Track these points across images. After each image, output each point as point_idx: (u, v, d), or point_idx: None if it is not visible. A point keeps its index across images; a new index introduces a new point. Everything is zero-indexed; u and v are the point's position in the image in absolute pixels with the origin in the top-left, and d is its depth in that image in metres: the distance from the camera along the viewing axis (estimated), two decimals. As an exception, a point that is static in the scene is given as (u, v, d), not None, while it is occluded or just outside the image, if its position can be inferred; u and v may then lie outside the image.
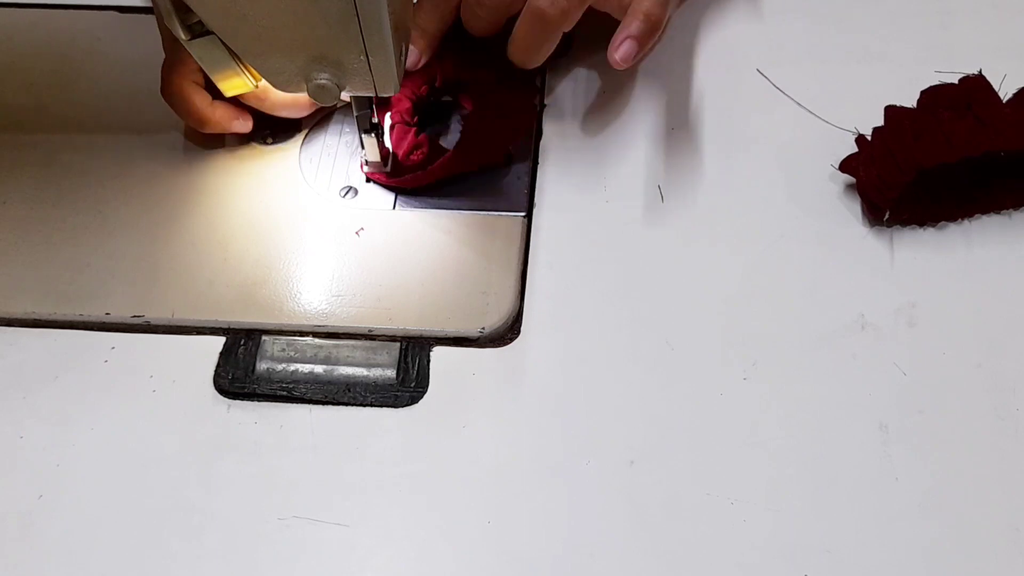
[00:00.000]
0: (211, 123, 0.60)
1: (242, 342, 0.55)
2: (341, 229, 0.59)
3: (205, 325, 0.56)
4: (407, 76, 0.60)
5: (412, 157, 0.59)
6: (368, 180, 0.61)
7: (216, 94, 0.59)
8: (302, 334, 0.55)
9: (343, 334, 0.55)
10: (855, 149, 0.59)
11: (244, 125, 0.61)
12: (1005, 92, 0.57)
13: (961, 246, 0.57)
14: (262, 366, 0.54)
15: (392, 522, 0.50)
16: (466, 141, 0.60)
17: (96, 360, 0.55)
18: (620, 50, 0.58)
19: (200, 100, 0.59)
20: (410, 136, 0.59)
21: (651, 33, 0.58)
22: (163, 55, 0.60)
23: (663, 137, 0.63)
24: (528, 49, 0.59)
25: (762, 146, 0.62)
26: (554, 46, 0.60)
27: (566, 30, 0.59)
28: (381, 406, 0.53)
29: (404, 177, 0.59)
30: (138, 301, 0.56)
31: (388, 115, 0.61)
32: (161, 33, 0.60)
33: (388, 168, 0.60)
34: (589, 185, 0.61)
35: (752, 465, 0.51)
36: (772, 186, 0.60)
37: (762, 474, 0.50)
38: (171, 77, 0.59)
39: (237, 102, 0.60)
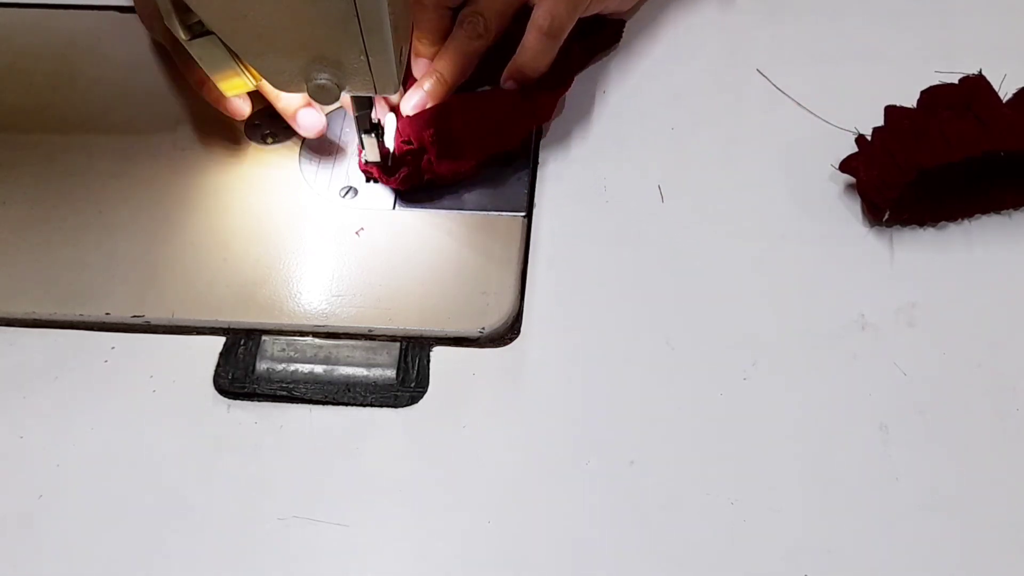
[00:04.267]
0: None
1: (242, 342, 0.55)
2: (341, 229, 0.59)
3: (205, 325, 0.56)
4: None
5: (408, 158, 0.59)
6: (368, 179, 0.61)
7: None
8: (302, 334, 0.55)
9: (343, 334, 0.55)
10: (855, 149, 0.59)
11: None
12: (1005, 92, 0.57)
13: (961, 246, 0.57)
14: (262, 366, 0.54)
15: (392, 522, 0.50)
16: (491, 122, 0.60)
17: (96, 360, 0.55)
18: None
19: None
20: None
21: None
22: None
23: (663, 137, 0.63)
24: (536, 59, 0.60)
25: (762, 146, 0.62)
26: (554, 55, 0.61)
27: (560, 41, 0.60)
28: (381, 406, 0.53)
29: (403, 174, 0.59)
30: (138, 301, 0.56)
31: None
32: (171, 52, 0.59)
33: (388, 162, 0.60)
34: (589, 185, 0.61)
35: (752, 465, 0.50)
36: (772, 186, 0.60)
37: (762, 474, 0.50)
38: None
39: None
